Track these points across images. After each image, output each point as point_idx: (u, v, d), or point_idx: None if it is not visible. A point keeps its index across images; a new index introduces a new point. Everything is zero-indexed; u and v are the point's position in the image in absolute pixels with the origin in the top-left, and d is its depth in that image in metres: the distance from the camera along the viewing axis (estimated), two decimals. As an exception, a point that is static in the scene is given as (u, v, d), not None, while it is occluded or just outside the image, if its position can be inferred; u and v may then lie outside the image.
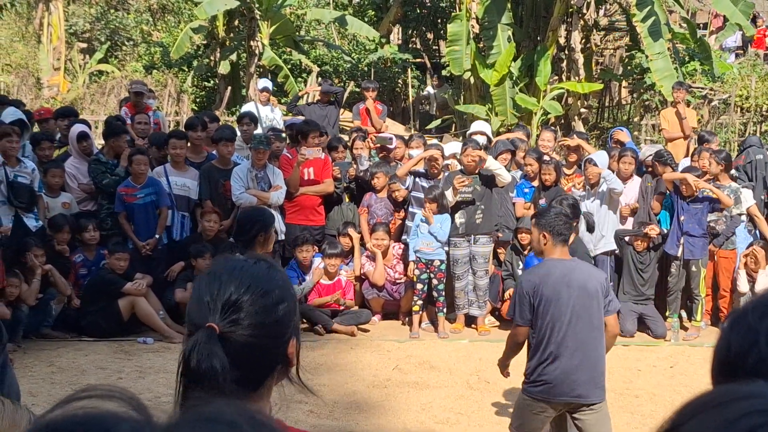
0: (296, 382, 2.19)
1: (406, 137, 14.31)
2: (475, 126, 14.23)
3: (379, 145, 13.46)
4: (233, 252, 6.58)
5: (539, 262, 6.79)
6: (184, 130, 13.46)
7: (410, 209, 12.26)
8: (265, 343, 2.07)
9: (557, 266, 6.47)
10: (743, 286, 11.91)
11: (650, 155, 12.85)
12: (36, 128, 13.72)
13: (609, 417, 6.57)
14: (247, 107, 15.93)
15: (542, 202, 12.16)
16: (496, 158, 12.24)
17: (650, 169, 12.68)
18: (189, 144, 12.76)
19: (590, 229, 10.80)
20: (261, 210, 8.16)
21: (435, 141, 13.38)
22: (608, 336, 6.58)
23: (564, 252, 6.56)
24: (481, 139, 13.21)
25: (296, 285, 11.84)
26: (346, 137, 14.03)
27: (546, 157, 12.61)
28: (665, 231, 12.12)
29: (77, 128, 12.46)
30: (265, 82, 16.80)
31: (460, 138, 15.02)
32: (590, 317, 6.38)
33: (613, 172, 12.20)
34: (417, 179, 12.22)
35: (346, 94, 22.08)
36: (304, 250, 11.84)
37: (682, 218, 11.83)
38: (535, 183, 12.46)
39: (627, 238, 12.10)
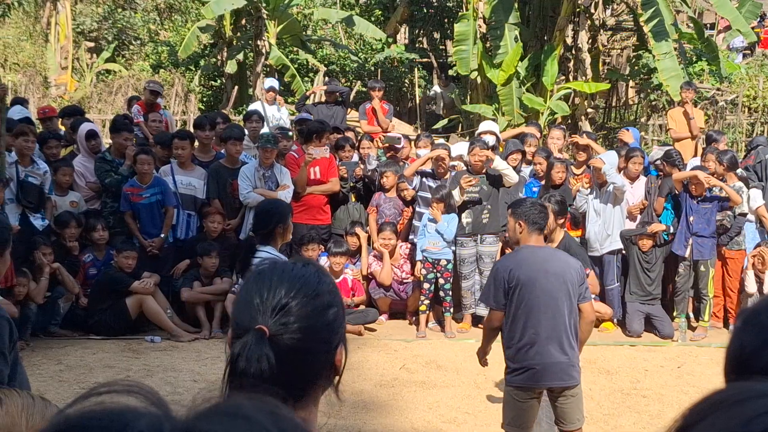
0: (335, 391, 2.12)
1: (414, 137, 14.33)
2: (484, 126, 14.21)
3: (387, 144, 13.47)
4: (253, 246, 6.60)
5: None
6: (192, 129, 13.47)
7: (417, 209, 12.25)
8: (315, 348, 2.02)
9: (534, 253, 6.62)
10: (751, 286, 11.89)
11: (658, 159, 12.87)
12: (39, 127, 13.75)
13: (582, 398, 6.78)
14: (254, 107, 15.93)
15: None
16: (506, 158, 12.26)
17: (661, 172, 12.67)
18: (197, 143, 12.79)
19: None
20: (278, 202, 8.14)
21: (441, 140, 13.36)
22: (584, 323, 6.73)
23: (539, 240, 6.72)
24: (491, 139, 13.21)
25: None
26: (352, 135, 13.98)
27: (558, 155, 12.60)
28: (671, 228, 12.11)
29: (86, 127, 12.48)
30: (272, 82, 16.79)
31: (467, 138, 14.99)
32: (565, 304, 6.51)
33: (620, 171, 12.21)
34: (424, 179, 12.21)
35: (352, 94, 22.09)
36: (310, 249, 11.84)
37: (691, 218, 11.82)
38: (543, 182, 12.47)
39: (632, 238, 12.09)
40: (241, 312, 2.03)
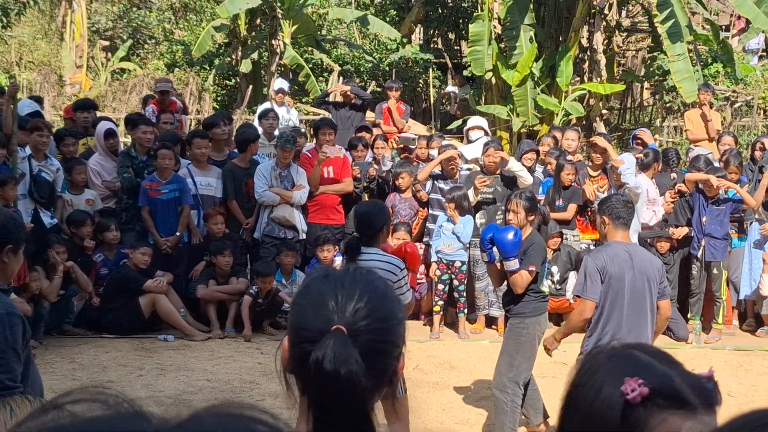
0: (392, 395, 2.15)
1: (427, 137, 14.31)
2: (472, 121, 14.27)
3: (402, 145, 13.45)
4: (359, 248, 6.55)
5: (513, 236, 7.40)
6: (203, 128, 13.45)
7: (431, 211, 12.21)
8: (386, 351, 2.00)
9: (623, 248, 6.96)
10: (766, 289, 11.84)
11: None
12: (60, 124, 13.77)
13: None
14: (264, 107, 15.92)
15: (560, 203, 12.14)
16: (520, 158, 12.24)
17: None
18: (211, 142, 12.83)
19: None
20: (381, 204, 8.10)
21: (446, 142, 13.29)
22: (660, 319, 7.08)
23: (625, 236, 7.09)
24: (479, 134, 13.24)
25: None
26: (366, 135, 13.91)
27: (569, 157, 12.56)
28: (691, 233, 12.08)
29: (104, 125, 12.47)
30: (281, 83, 16.77)
31: (464, 134, 14.93)
32: (647, 300, 6.87)
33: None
34: (435, 181, 12.19)
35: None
36: (325, 249, 11.83)
37: (704, 219, 11.78)
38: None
39: (649, 240, 12.04)
40: (312, 315, 1.98)
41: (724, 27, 26.02)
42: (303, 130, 13.86)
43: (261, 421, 1.04)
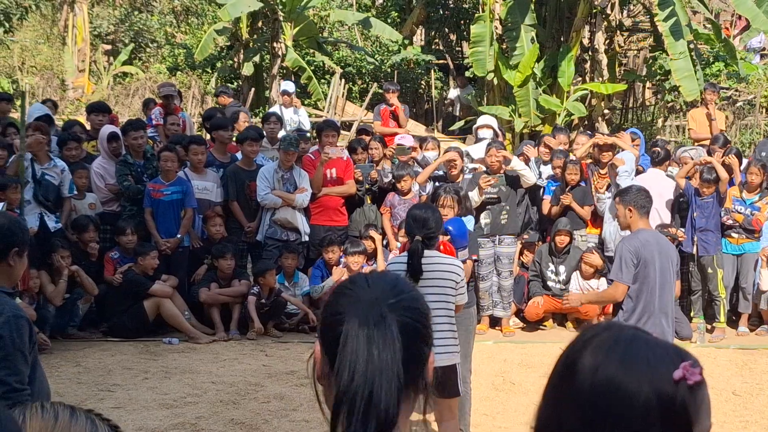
0: (426, 398, 2.03)
1: (421, 139, 14.32)
2: (482, 120, 14.27)
3: (398, 155, 13.32)
4: (423, 251, 6.61)
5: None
6: (209, 130, 13.49)
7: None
8: (419, 349, 1.96)
9: (651, 235, 7.55)
10: (765, 284, 11.84)
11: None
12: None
13: None
14: (272, 110, 15.95)
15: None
16: (519, 156, 12.32)
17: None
18: (216, 144, 12.87)
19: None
20: (433, 206, 8.08)
21: (455, 144, 13.35)
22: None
23: (647, 223, 7.61)
24: (488, 133, 13.26)
25: (319, 284, 11.89)
26: (367, 138, 13.91)
27: (572, 157, 12.59)
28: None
29: (107, 129, 12.49)
30: (286, 85, 16.79)
31: (472, 133, 14.98)
32: (671, 283, 7.48)
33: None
34: (436, 183, 12.18)
35: (368, 96, 22.09)
36: (330, 250, 11.86)
37: (695, 214, 11.84)
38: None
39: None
40: (344, 302, 1.95)
41: (724, 25, 26.02)
42: (308, 135, 13.83)
43: None
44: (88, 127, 13.85)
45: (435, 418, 6.92)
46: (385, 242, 12.33)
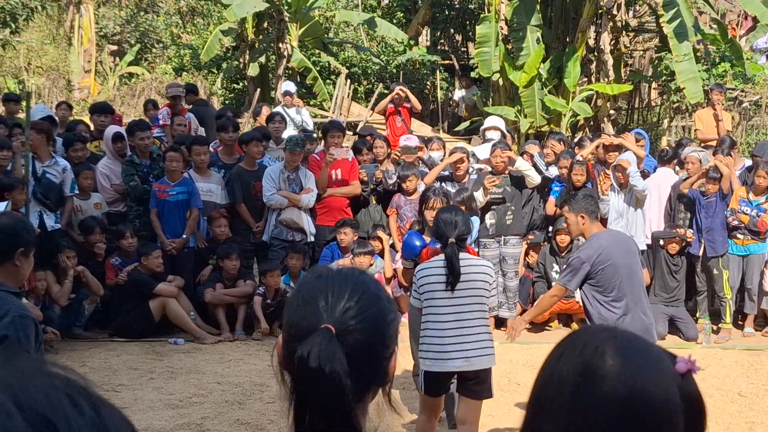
0: (386, 397, 2.10)
1: (427, 139, 14.33)
2: (489, 121, 14.27)
3: (404, 156, 13.31)
4: (458, 253, 6.66)
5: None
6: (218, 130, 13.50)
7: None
8: (375, 352, 2.00)
9: (606, 236, 7.51)
10: None
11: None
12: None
13: None
14: (277, 110, 15.96)
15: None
16: (521, 156, 12.33)
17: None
18: (221, 145, 12.87)
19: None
20: (460, 209, 8.08)
21: (460, 144, 13.36)
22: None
23: (599, 225, 7.60)
24: (496, 135, 13.26)
25: (329, 262, 11.91)
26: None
27: (578, 157, 12.58)
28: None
29: (112, 129, 12.51)
30: (287, 86, 16.80)
31: (479, 134, 15.00)
32: (640, 275, 7.55)
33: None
34: (443, 183, 12.18)
35: (374, 96, 22.09)
36: (343, 232, 11.91)
37: (701, 215, 11.83)
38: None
39: (661, 241, 12.04)
40: (302, 313, 2.00)
41: (731, 25, 25.97)
42: (315, 135, 13.84)
43: (48, 373, 1.03)
44: (92, 127, 13.89)
45: (458, 417, 6.95)
46: (391, 242, 12.33)
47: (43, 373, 1.02)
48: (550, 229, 12.35)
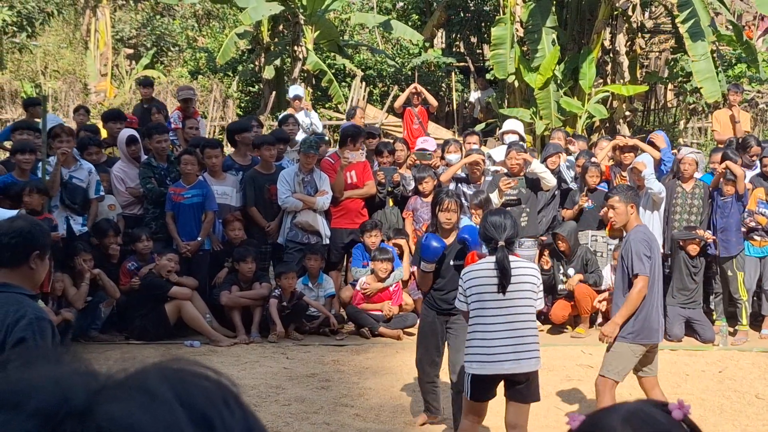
0: None
1: (444, 141, 14.33)
2: (507, 125, 14.25)
3: (421, 160, 13.28)
4: (508, 248, 6.72)
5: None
6: (230, 133, 13.51)
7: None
8: None
9: (648, 230, 7.85)
10: None
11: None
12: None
13: None
14: (283, 115, 16.00)
15: (588, 204, 12.16)
16: (545, 161, 12.26)
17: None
18: (239, 147, 12.91)
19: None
20: (508, 211, 8.11)
21: (475, 146, 13.33)
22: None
23: (640, 219, 7.98)
24: (514, 138, 13.25)
25: (361, 266, 11.99)
26: (390, 141, 13.97)
27: (594, 159, 12.57)
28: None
29: (126, 132, 12.55)
30: (295, 90, 16.85)
31: (496, 137, 15.02)
32: (661, 272, 7.91)
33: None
34: (459, 185, 12.18)
35: (389, 99, 22.10)
36: (372, 235, 11.92)
37: (717, 215, 11.81)
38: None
39: (681, 243, 11.98)
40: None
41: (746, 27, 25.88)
42: (327, 137, 13.87)
43: (204, 375, 1.08)
44: (104, 133, 13.91)
45: (508, 422, 6.94)
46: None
47: (201, 374, 1.08)
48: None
